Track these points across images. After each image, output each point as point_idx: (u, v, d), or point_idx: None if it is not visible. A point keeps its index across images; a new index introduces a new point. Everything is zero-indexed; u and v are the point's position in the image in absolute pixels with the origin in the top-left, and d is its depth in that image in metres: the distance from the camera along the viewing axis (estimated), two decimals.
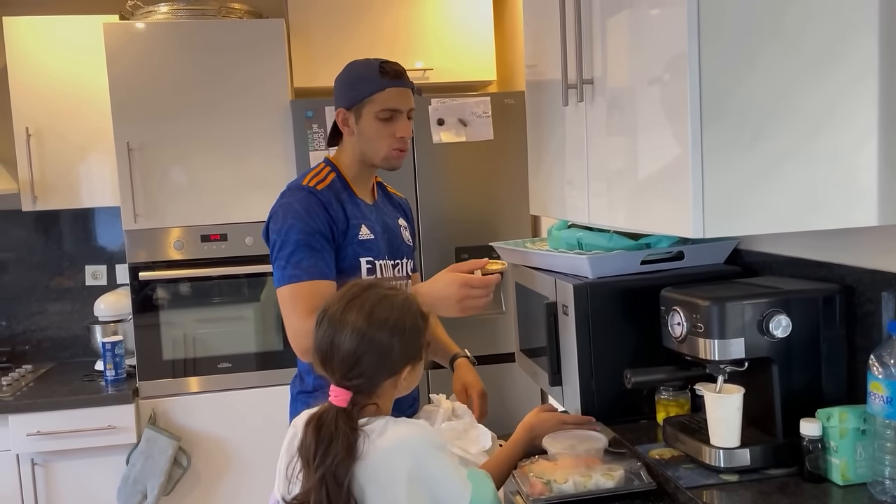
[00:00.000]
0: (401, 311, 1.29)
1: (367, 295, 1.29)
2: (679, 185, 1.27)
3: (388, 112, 1.79)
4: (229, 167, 2.86)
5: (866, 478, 1.30)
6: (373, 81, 1.78)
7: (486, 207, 2.94)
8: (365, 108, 1.79)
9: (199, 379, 2.87)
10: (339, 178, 1.84)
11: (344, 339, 1.24)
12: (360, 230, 1.80)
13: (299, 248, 1.70)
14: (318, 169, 1.85)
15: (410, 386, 1.32)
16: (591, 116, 1.62)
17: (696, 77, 1.21)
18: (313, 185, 1.78)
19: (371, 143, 1.81)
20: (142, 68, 2.78)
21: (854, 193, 1.26)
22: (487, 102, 2.91)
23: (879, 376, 1.24)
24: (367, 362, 1.24)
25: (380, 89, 1.78)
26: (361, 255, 1.79)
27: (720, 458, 1.38)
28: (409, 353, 1.29)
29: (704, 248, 1.76)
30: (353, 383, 1.24)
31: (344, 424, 1.21)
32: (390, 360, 1.26)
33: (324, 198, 1.75)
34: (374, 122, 1.79)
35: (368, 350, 1.24)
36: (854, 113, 1.25)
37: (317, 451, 1.20)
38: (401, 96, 1.81)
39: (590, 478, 1.39)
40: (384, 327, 1.26)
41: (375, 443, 1.21)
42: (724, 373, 1.41)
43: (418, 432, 1.25)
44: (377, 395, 1.27)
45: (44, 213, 3.11)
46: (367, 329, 1.25)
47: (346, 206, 1.79)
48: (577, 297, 1.66)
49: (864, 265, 1.39)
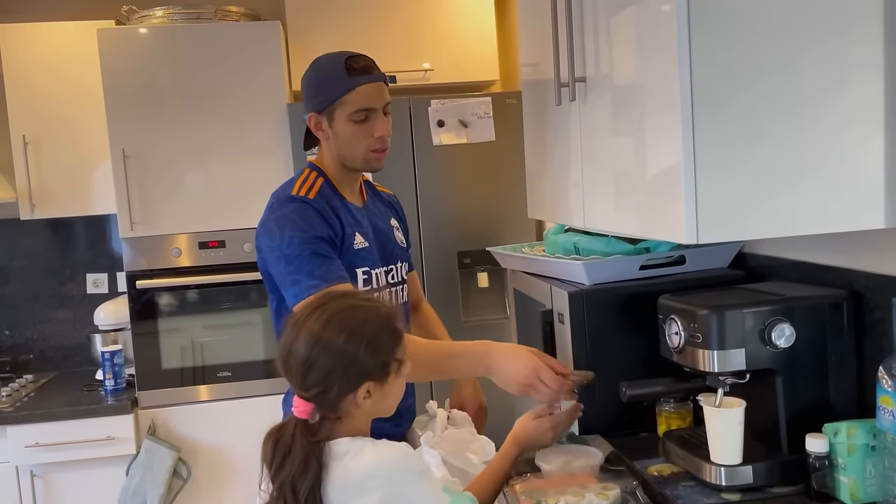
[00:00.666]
0: (363, 320, 1.19)
1: (336, 303, 1.21)
2: (671, 188, 1.19)
3: (363, 112, 1.65)
4: (227, 173, 2.81)
5: (877, 497, 1.22)
6: (340, 81, 1.64)
7: (488, 210, 2.87)
8: (336, 110, 1.66)
9: (199, 388, 2.83)
10: (326, 182, 1.73)
11: (298, 345, 1.16)
12: (355, 239, 1.70)
13: (307, 257, 1.57)
14: (304, 175, 1.74)
15: (381, 409, 1.22)
16: (585, 116, 1.56)
17: (686, 77, 1.14)
18: (303, 193, 1.67)
19: (348, 147, 1.69)
20: (137, 73, 2.74)
21: (859, 195, 1.18)
22: (489, 103, 2.84)
23: (889, 389, 1.16)
24: (318, 372, 1.14)
25: (349, 89, 1.64)
26: (357, 266, 1.69)
27: (721, 476, 1.30)
28: (367, 370, 1.17)
29: (707, 251, 1.68)
30: (310, 394, 1.16)
31: (301, 438, 1.14)
32: (343, 372, 1.16)
33: (318, 206, 1.65)
34: (348, 125, 1.66)
35: (320, 358, 1.14)
36: (859, 111, 1.17)
37: (272, 462, 1.15)
38: (374, 92, 1.67)
39: (582, 497, 1.31)
40: (339, 335, 1.15)
41: (349, 465, 1.15)
42: (725, 385, 1.33)
43: (396, 456, 1.17)
44: (341, 411, 1.18)
45: (43, 221, 3.09)
46: (321, 335, 1.15)
47: (339, 213, 1.69)
48: (573, 304, 1.59)
49: (873, 269, 1.31)
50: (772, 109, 1.16)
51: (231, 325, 2.88)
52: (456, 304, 2.87)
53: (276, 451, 1.15)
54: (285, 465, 1.14)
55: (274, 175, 2.80)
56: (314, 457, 1.14)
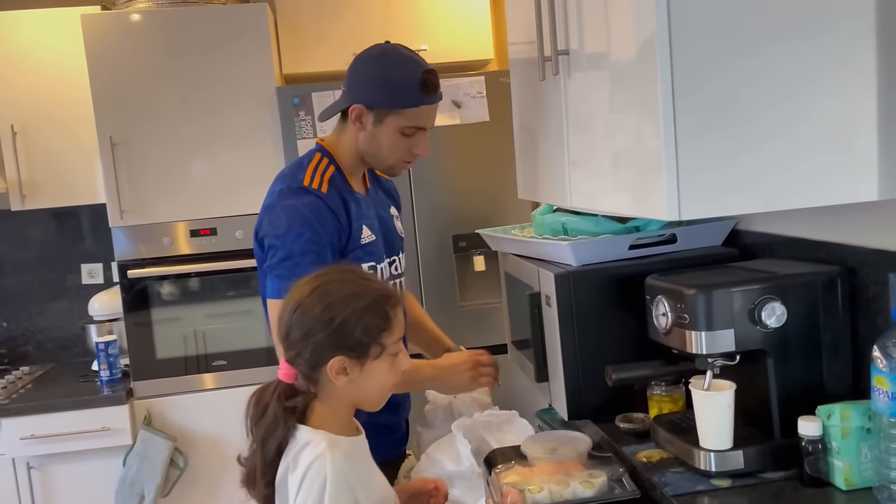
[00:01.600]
0: (349, 294, 1.18)
1: (332, 275, 1.22)
2: (652, 164, 1.14)
3: (414, 129, 1.63)
4: (217, 159, 2.77)
5: (872, 482, 1.16)
6: (410, 94, 1.58)
7: (483, 192, 2.82)
8: (390, 117, 1.60)
9: (194, 377, 2.80)
10: (337, 171, 1.66)
11: (286, 307, 1.20)
12: (363, 233, 1.65)
13: (309, 260, 1.51)
14: (315, 161, 1.66)
15: (361, 395, 1.22)
16: (569, 91, 1.50)
17: (666, 49, 1.08)
18: (316, 186, 1.60)
19: (381, 152, 1.65)
20: (123, 60, 2.70)
21: (852, 167, 1.12)
22: (482, 82, 2.78)
23: (884, 370, 1.10)
24: (294, 335, 1.17)
25: (415, 105, 1.59)
26: (363, 261, 1.64)
27: (711, 462, 1.26)
28: (340, 342, 1.16)
29: (698, 229, 1.62)
30: (287, 356, 1.19)
31: (276, 401, 1.18)
32: (316, 338, 1.15)
33: (332, 203, 1.59)
34: (395, 135, 1.61)
35: (297, 321, 1.17)
36: (849, 82, 1.11)
37: (252, 419, 1.21)
38: (432, 113, 1.65)
39: (567, 486, 1.27)
40: (322, 301, 1.17)
41: (298, 456, 1.17)
42: (714, 367, 1.28)
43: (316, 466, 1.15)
44: (318, 385, 1.19)
45: (36, 212, 3.06)
46: (306, 299, 1.18)
47: (348, 206, 1.63)
48: (559, 286, 1.54)
49: (868, 244, 1.25)
50: (756, 82, 1.10)
51: (225, 314, 2.85)
52: (452, 288, 2.83)
53: (255, 409, 1.21)
54: (261, 423, 1.19)
55: (264, 160, 2.76)
56: (283, 422, 1.17)
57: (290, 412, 1.18)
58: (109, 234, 2.78)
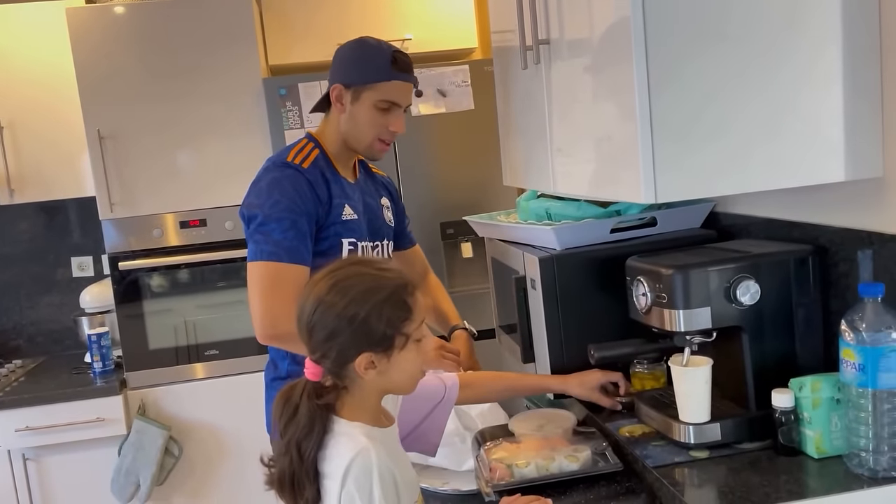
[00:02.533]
0: (368, 289, 1.15)
1: (349, 269, 1.19)
2: (629, 148, 1.18)
3: (388, 104, 1.71)
4: (205, 151, 2.79)
5: (842, 450, 1.22)
6: (382, 69, 1.69)
7: (470, 180, 2.86)
8: (365, 92, 1.70)
9: (187, 367, 2.84)
10: (322, 154, 1.75)
11: (306, 306, 1.16)
12: (344, 210, 1.72)
13: (285, 226, 1.61)
14: (302, 145, 1.76)
15: (390, 384, 1.20)
16: (550, 80, 1.54)
17: (641, 37, 1.13)
18: (298, 161, 1.69)
19: (359, 129, 1.73)
20: (108, 53, 2.71)
21: (818, 148, 1.17)
22: (466, 71, 2.81)
23: (851, 342, 1.16)
24: (320, 335, 1.15)
25: (387, 79, 1.69)
26: (344, 236, 1.72)
27: (690, 434, 1.31)
28: (367, 338, 1.14)
29: (678, 212, 1.67)
30: (315, 357, 1.17)
31: (308, 400, 1.15)
32: (343, 337, 1.15)
33: (311, 177, 1.67)
34: (370, 110, 1.70)
35: (321, 321, 1.14)
36: (815, 67, 1.16)
37: (281, 420, 1.17)
38: (405, 90, 1.73)
39: (552, 460, 1.32)
40: (342, 298, 1.14)
41: (339, 447, 1.15)
42: (692, 344, 1.34)
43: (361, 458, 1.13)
44: (347, 380, 1.18)
45: (25, 205, 3.07)
46: (326, 297, 1.15)
47: (330, 184, 1.71)
48: (544, 270, 1.59)
49: (838, 223, 1.30)
50: (726, 68, 1.15)
51: (217, 304, 2.88)
52: (441, 275, 2.85)
53: (284, 410, 1.17)
54: (291, 423, 1.16)
55: (252, 151, 2.78)
56: (319, 420, 1.15)
57: (323, 409, 1.16)
58: (99, 226, 2.80)
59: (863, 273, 1.22)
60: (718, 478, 1.23)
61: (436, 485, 1.48)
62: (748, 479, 1.20)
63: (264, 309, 1.61)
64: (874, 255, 1.20)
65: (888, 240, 1.18)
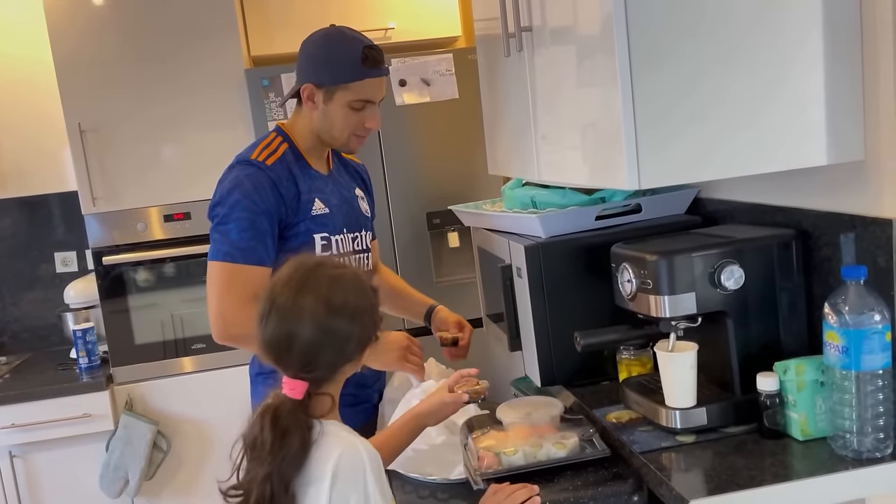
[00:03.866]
0: (356, 293, 1.18)
1: (317, 277, 1.17)
2: (613, 135, 1.18)
3: (362, 102, 1.69)
4: (188, 143, 2.77)
5: (827, 432, 1.23)
6: (353, 68, 1.66)
7: (455, 169, 2.85)
8: (338, 93, 1.67)
9: (174, 361, 2.82)
10: (291, 148, 1.73)
11: (303, 330, 1.13)
12: (314, 205, 1.71)
13: (242, 225, 1.60)
14: (269, 139, 1.75)
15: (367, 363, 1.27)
16: (533, 67, 1.53)
17: (622, 24, 1.12)
18: (262, 159, 1.67)
19: (334, 128, 1.71)
20: (88, 45, 2.67)
21: (801, 133, 1.18)
22: (450, 60, 2.80)
23: (834, 325, 1.16)
24: (329, 354, 1.15)
25: (359, 79, 1.66)
26: (315, 232, 1.71)
27: (676, 419, 1.32)
28: (369, 335, 1.20)
29: (662, 199, 1.68)
30: (312, 375, 1.15)
31: (296, 420, 1.12)
32: (351, 347, 1.17)
33: (273, 174, 1.65)
34: (344, 110, 1.68)
35: (330, 341, 1.15)
36: (798, 52, 1.16)
37: (273, 444, 1.11)
38: (378, 87, 1.71)
39: (540, 447, 1.33)
40: (344, 314, 1.15)
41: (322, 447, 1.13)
42: (677, 330, 1.34)
43: (349, 453, 1.13)
44: (334, 383, 1.19)
45: (6, 201, 3.03)
46: (327, 318, 1.14)
47: (298, 180, 1.69)
48: (529, 258, 1.59)
49: (821, 207, 1.31)
50: (709, 53, 1.15)
51: (203, 297, 2.81)
52: (427, 265, 2.87)
53: (275, 433, 1.12)
54: (283, 447, 1.11)
55: (235, 142, 2.72)
56: (309, 442, 1.12)
57: (310, 431, 1.13)
58: (82, 221, 2.78)
59: (845, 256, 1.23)
60: (705, 462, 1.24)
61: (424, 474, 1.48)
62: (734, 463, 1.21)
63: (217, 310, 1.62)
64: (856, 238, 1.21)
65: (870, 223, 1.19)
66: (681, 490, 1.14)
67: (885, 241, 1.16)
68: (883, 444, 1.17)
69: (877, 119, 1.16)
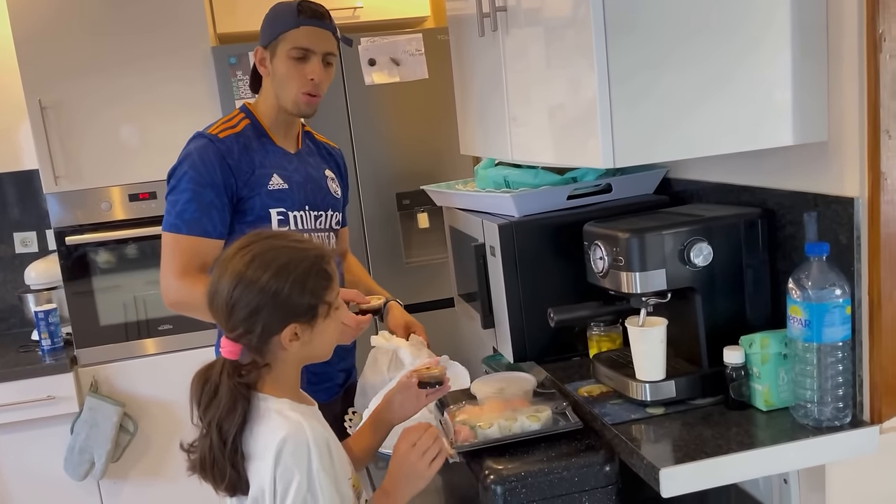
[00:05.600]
0: (290, 261, 1.16)
1: (263, 243, 1.18)
2: (588, 115, 1.21)
3: (301, 51, 1.73)
4: (153, 121, 2.72)
5: (789, 402, 1.28)
6: (288, 19, 1.72)
7: (424, 149, 2.86)
8: (279, 46, 1.73)
9: (140, 343, 2.79)
10: (253, 125, 1.78)
11: (223, 285, 1.14)
12: (271, 179, 1.74)
13: (186, 198, 1.65)
14: (231, 115, 1.80)
15: (311, 354, 1.21)
16: (507, 47, 1.55)
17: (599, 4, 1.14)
18: (216, 132, 1.73)
19: (282, 84, 1.75)
20: (49, 20, 2.61)
21: (767, 113, 1.22)
22: (419, 40, 2.80)
23: (798, 299, 1.21)
24: (242, 312, 1.13)
25: (294, 27, 1.72)
26: (271, 206, 1.74)
27: (646, 392, 1.36)
28: (293, 310, 1.15)
29: (632, 178, 1.71)
30: (235, 335, 1.15)
31: (228, 379, 1.13)
32: (267, 312, 1.13)
33: (223, 146, 1.70)
34: (285, 61, 1.73)
35: (243, 297, 1.13)
36: (765, 33, 1.19)
37: (200, 402, 1.16)
38: (315, 36, 1.75)
39: (515, 420, 1.36)
40: (264, 273, 1.13)
41: (271, 425, 1.14)
42: (648, 305, 1.38)
43: (294, 433, 1.13)
44: (269, 356, 1.17)
45: None
46: (245, 272, 1.13)
47: (254, 154, 1.73)
48: (503, 236, 1.61)
49: (785, 187, 1.35)
50: (684, 40, 1.18)
51: None
52: (397, 246, 2.88)
53: (203, 391, 1.15)
54: (212, 405, 1.14)
55: (202, 121, 2.64)
56: (241, 398, 1.13)
57: (245, 388, 1.14)
58: (41, 201, 2.72)
59: (808, 234, 1.28)
60: (673, 432, 1.28)
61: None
62: (701, 433, 1.25)
63: (162, 279, 1.68)
64: (819, 216, 1.26)
65: (832, 201, 1.23)
66: (652, 459, 1.18)
67: (847, 218, 1.20)
68: (842, 413, 1.22)
69: (840, 102, 1.20)
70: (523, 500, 1.26)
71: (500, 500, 1.26)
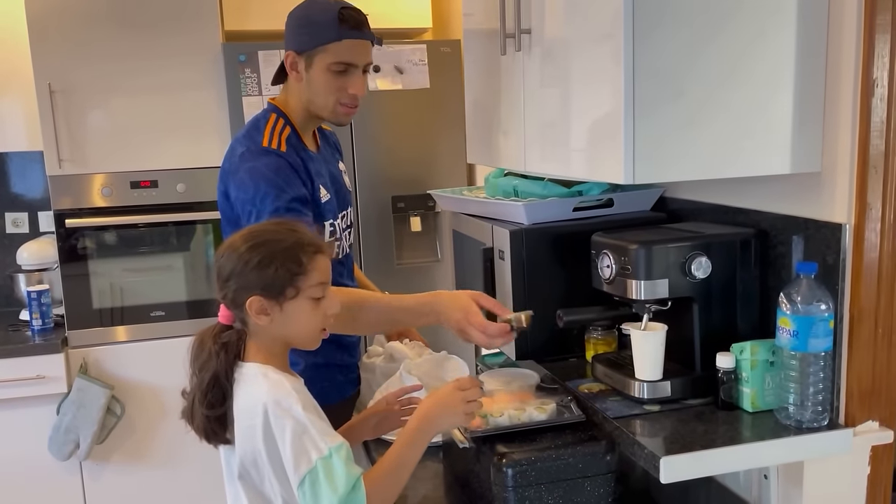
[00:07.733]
0: (269, 240, 1.26)
1: (268, 225, 1.33)
2: (612, 134, 1.33)
3: (343, 65, 1.67)
4: (160, 111, 2.78)
5: (773, 405, 1.42)
6: (329, 29, 1.64)
7: (421, 156, 2.97)
8: (317, 56, 1.66)
9: (132, 328, 2.84)
10: (293, 131, 1.73)
11: (219, 250, 1.29)
12: (321, 192, 1.72)
13: (279, 216, 1.56)
14: (272, 121, 1.71)
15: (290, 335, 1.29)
16: (528, 66, 1.66)
17: (630, 32, 1.27)
18: (275, 146, 1.66)
19: (319, 96, 1.70)
20: (63, 6, 2.65)
21: (769, 143, 1.35)
22: (424, 50, 2.91)
23: (787, 312, 1.35)
24: (221, 276, 1.25)
25: (336, 39, 1.64)
26: (325, 220, 1.72)
27: (644, 390, 1.48)
28: (255, 282, 1.23)
29: (632, 195, 1.84)
30: (219, 298, 1.27)
31: (212, 338, 1.26)
32: (235, 278, 1.23)
33: (292, 160, 1.65)
34: (325, 74, 1.67)
35: (223, 263, 1.26)
36: (771, 75, 1.33)
37: (192, 356, 1.28)
38: (358, 49, 1.68)
39: (523, 411, 1.47)
40: (244, 245, 1.25)
41: (249, 388, 1.24)
42: (650, 311, 1.51)
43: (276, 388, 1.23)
44: (251, 326, 1.26)
45: None
46: (233, 242, 1.27)
47: (308, 165, 1.70)
48: (513, 242, 1.73)
49: (778, 211, 1.50)
50: (703, 70, 1.31)
51: (164, 266, 2.88)
52: (389, 247, 2.98)
53: (196, 348, 1.28)
54: (198, 357, 1.27)
55: (208, 115, 2.79)
56: (217, 353, 1.24)
57: (223, 347, 1.24)
58: (37, 182, 2.75)
59: (797, 254, 1.42)
60: (668, 427, 1.40)
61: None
62: (695, 428, 1.38)
63: None
64: (809, 238, 1.40)
65: (822, 226, 1.38)
66: (652, 449, 1.30)
67: (835, 242, 1.35)
68: (821, 416, 1.36)
69: (835, 138, 1.34)
70: (532, 482, 1.37)
71: (511, 481, 1.37)
